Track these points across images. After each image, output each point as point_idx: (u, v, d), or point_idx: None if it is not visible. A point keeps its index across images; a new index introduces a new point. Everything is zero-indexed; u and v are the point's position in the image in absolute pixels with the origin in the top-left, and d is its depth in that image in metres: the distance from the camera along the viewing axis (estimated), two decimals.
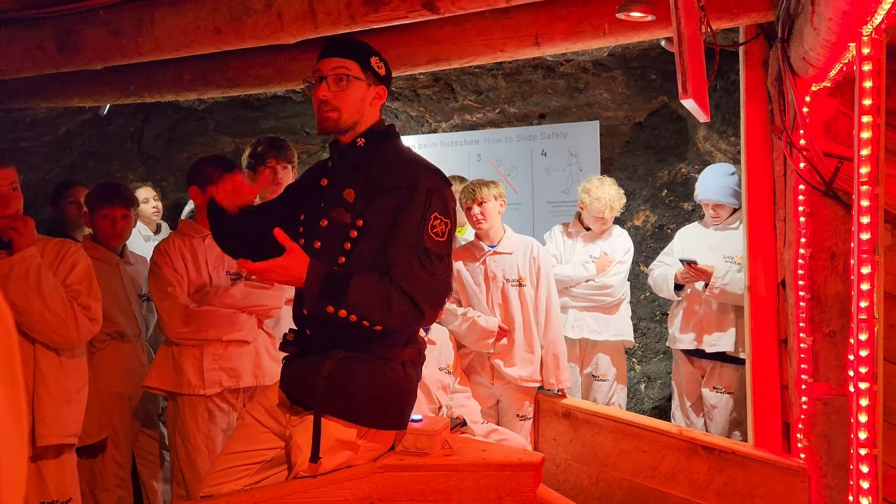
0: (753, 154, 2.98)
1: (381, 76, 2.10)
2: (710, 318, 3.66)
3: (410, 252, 1.94)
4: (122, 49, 2.88)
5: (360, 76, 2.05)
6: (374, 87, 2.09)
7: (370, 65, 2.06)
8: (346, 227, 2.03)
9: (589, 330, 3.88)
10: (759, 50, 2.92)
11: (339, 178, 2.12)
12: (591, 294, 3.85)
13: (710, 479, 3.04)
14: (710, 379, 3.72)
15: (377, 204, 2.00)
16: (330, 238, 2.06)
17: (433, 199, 1.98)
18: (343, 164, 2.13)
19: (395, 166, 2.05)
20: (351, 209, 2.03)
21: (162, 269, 2.88)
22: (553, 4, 2.83)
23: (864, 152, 1.81)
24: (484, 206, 3.39)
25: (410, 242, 1.94)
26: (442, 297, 2.01)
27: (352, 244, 2.02)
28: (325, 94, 2.03)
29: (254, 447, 2.13)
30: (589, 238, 3.98)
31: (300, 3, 2.57)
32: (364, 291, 1.90)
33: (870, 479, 1.88)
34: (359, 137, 2.09)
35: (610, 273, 3.87)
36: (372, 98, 2.09)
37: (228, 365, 2.87)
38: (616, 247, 3.93)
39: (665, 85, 4.75)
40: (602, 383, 3.92)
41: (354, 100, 2.04)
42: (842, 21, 1.71)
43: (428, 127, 5.37)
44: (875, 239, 1.80)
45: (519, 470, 2.17)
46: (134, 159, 5.47)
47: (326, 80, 2.03)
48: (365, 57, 2.06)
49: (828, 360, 2.70)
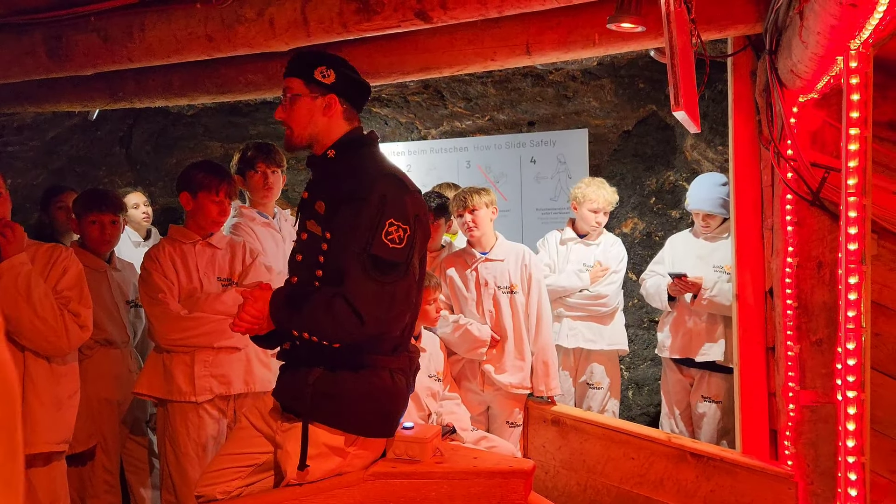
0: (741, 164, 3.02)
1: (328, 85, 2.10)
2: (700, 327, 3.67)
3: (354, 259, 1.94)
4: (113, 55, 2.88)
5: (303, 91, 2.10)
6: (322, 98, 2.10)
7: (314, 77, 2.09)
8: (319, 240, 2.06)
9: (584, 339, 3.88)
10: (746, 61, 2.96)
11: (314, 190, 2.16)
12: (586, 304, 3.86)
13: (697, 486, 3.06)
14: (699, 388, 3.73)
15: (339, 215, 2.02)
16: (308, 251, 2.11)
17: (387, 205, 1.97)
18: (317, 176, 2.18)
19: (355, 175, 2.06)
20: (321, 221, 2.07)
21: (152, 276, 2.87)
22: (544, 14, 2.84)
23: (851, 164, 1.84)
24: (475, 214, 3.40)
25: (356, 249, 1.94)
26: (390, 306, 1.96)
27: (324, 256, 2.04)
28: (279, 115, 2.14)
29: (247, 450, 2.17)
30: (583, 246, 3.98)
31: (292, 11, 2.57)
32: (315, 308, 1.96)
33: (857, 486, 1.90)
34: (329, 149, 2.13)
35: (604, 282, 3.87)
36: (322, 109, 2.11)
37: (219, 372, 2.86)
38: (610, 256, 3.94)
39: (653, 93, 4.78)
40: (597, 391, 3.93)
41: (301, 116, 2.11)
42: (830, 35, 1.74)
43: (417, 134, 5.37)
44: (862, 249, 1.83)
45: (510, 477, 2.18)
46: (122, 164, 5.44)
47: (282, 100, 2.13)
48: (307, 71, 2.10)
49: (815, 368, 2.73)
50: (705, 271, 3.65)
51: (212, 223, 2.99)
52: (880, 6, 1.45)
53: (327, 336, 1.95)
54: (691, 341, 3.68)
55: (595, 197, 3.87)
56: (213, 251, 3.02)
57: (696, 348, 3.67)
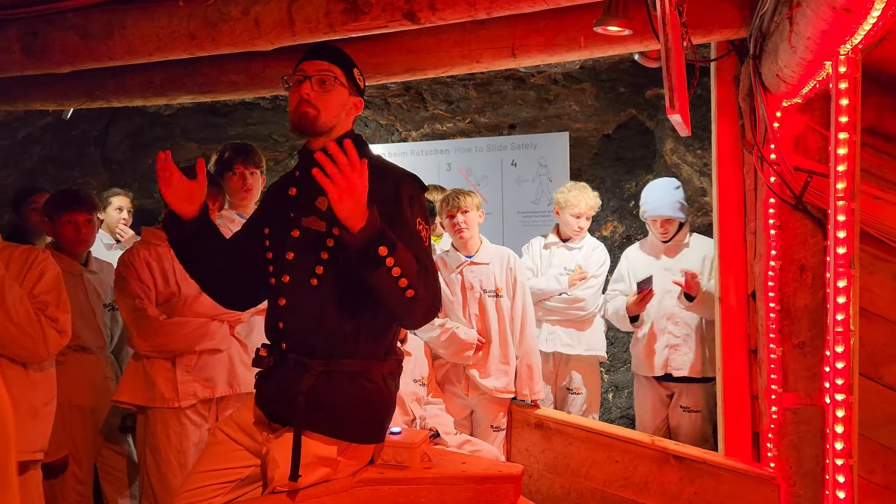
0: (725, 168, 3.04)
1: (359, 88, 2.13)
2: (675, 342, 3.67)
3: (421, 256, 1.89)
4: (92, 53, 2.81)
5: (344, 83, 2.06)
6: (353, 98, 2.10)
7: (353, 75, 2.09)
8: (322, 236, 1.98)
9: (562, 344, 3.87)
10: (730, 66, 2.98)
11: (309, 186, 2.04)
12: (564, 308, 3.85)
13: (681, 489, 3.07)
14: (679, 399, 3.72)
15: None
16: (304, 248, 2.02)
17: (415, 205, 1.99)
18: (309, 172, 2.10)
19: (374, 174, 2.00)
20: (325, 217, 1.99)
21: (128, 282, 2.80)
22: (530, 16, 2.84)
23: (840, 168, 1.86)
24: (467, 216, 3.39)
25: (415, 248, 1.90)
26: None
27: (329, 253, 1.97)
28: (307, 93, 2.01)
29: (228, 465, 2.07)
30: (565, 250, 3.98)
31: (278, 10, 2.54)
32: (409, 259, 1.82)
33: (846, 488, 1.92)
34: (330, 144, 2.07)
35: (582, 287, 3.85)
36: (350, 107, 2.10)
37: (203, 375, 2.81)
38: (591, 260, 3.92)
39: (633, 97, 4.82)
40: (576, 396, 3.92)
41: (336, 104, 2.05)
42: (820, 40, 1.75)
43: (398, 136, 5.35)
44: (851, 253, 1.85)
45: (499, 482, 2.17)
46: (97, 165, 5.34)
47: (311, 80, 2.03)
48: (349, 66, 2.09)
49: (797, 371, 2.75)
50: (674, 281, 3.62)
51: None
52: (874, 11, 1.46)
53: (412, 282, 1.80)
54: (668, 355, 3.68)
55: (576, 202, 3.87)
56: None
57: (674, 364, 3.66)
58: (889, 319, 2.69)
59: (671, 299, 3.66)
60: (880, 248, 2.66)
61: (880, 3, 1.40)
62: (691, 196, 4.65)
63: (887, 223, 2.60)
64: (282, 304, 2.03)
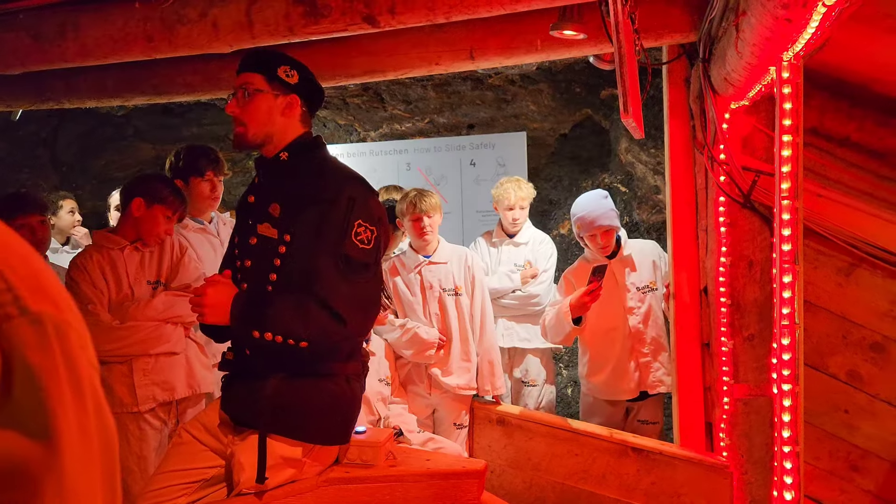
0: (677, 167, 3.13)
1: (291, 85, 2.06)
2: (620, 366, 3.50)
3: (329, 260, 1.92)
4: (45, 54, 2.77)
5: (264, 88, 2.03)
6: (284, 97, 2.06)
7: (277, 75, 2.04)
8: (275, 243, 2.00)
9: (519, 339, 3.92)
10: (681, 69, 3.07)
11: (264, 193, 2.09)
12: (519, 304, 3.89)
13: (638, 480, 3.16)
14: (637, 414, 3.62)
15: (302, 216, 1.99)
16: (260, 255, 2.04)
17: (356, 207, 1.97)
18: (267, 178, 2.11)
19: (318, 177, 2.04)
20: (277, 224, 2.01)
21: (80, 286, 2.76)
22: (488, 20, 2.89)
23: (784, 169, 1.94)
24: (432, 220, 3.42)
25: (329, 251, 1.93)
26: (366, 306, 1.98)
27: (281, 260, 1.99)
28: (231, 110, 2.06)
29: (192, 466, 2.07)
30: (513, 247, 4.01)
31: (237, 12, 2.53)
32: (282, 309, 1.89)
33: (793, 474, 2.01)
34: (282, 151, 2.08)
35: (535, 283, 3.89)
36: (282, 109, 2.06)
37: (161, 378, 2.79)
38: (539, 255, 3.96)
39: (588, 98, 4.91)
40: (532, 388, 3.98)
41: (260, 113, 2.03)
42: (764, 47, 1.84)
43: (357, 136, 5.36)
44: (796, 249, 1.94)
45: (463, 478, 2.21)
46: (46, 167, 5.23)
47: (235, 95, 2.05)
48: (271, 67, 2.05)
49: (747, 363, 2.86)
50: (633, 298, 3.50)
51: (155, 237, 2.93)
52: (813, 22, 1.55)
53: (296, 335, 1.88)
54: (617, 378, 3.51)
55: (506, 195, 3.87)
56: (140, 254, 2.93)
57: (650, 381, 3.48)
58: (832, 312, 2.81)
59: (635, 318, 3.50)
60: (823, 244, 2.78)
61: (818, 14, 1.48)
62: (645, 194, 4.76)
63: (829, 219, 2.72)
64: None
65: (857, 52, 2.33)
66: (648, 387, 3.49)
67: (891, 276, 2.71)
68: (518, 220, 3.93)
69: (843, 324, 2.80)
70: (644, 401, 3.59)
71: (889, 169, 2.69)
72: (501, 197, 3.91)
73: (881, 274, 2.73)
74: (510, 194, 3.86)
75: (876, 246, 2.68)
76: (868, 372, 2.78)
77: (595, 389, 3.60)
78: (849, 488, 2.84)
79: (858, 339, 2.78)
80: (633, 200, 4.92)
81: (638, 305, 3.50)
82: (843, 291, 2.79)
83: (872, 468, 2.80)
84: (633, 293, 3.50)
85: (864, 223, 2.67)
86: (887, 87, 2.60)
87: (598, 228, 3.42)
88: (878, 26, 2.06)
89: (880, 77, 2.53)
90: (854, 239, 2.70)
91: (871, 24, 2.05)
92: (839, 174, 2.72)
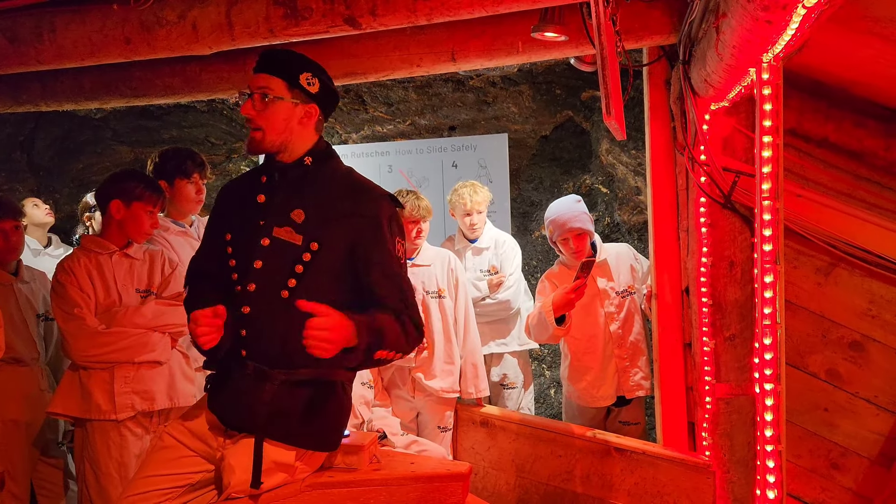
0: (658, 168, 3.15)
1: (312, 94, 2.02)
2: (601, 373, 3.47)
3: (401, 281, 2.00)
4: (21, 56, 2.73)
5: (284, 95, 1.99)
6: (303, 106, 2.01)
7: (299, 82, 2.00)
8: (297, 250, 1.97)
9: (497, 344, 3.89)
10: (661, 70, 3.09)
11: (281, 196, 2.04)
12: (491, 311, 3.84)
13: (622, 480, 3.17)
14: (619, 416, 3.58)
15: (332, 229, 1.97)
16: (275, 258, 1.98)
17: (394, 226, 2.03)
18: (285, 182, 2.05)
19: (349, 191, 2.02)
20: (301, 231, 1.97)
21: (67, 289, 2.73)
22: (469, 23, 2.89)
23: (765, 170, 1.96)
24: (426, 224, 3.42)
25: (396, 272, 2.00)
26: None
27: (304, 267, 1.96)
28: (248, 112, 2.00)
29: (178, 471, 2.03)
30: (475, 253, 3.94)
31: (216, 14, 2.51)
32: (393, 330, 1.93)
33: (775, 473, 2.03)
34: (305, 156, 2.04)
35: (503, 289, 3.83)
36: (300, 117, 2.01)
37: (141, 388, 2.75)
38: (503, 258, 3.89)
39: (569, 100, 4.93)
40: (511, 391, 3.97)
41: (278, 120, 1.99)
42: (744, 49, 1.85)
43: (338, 138, 5.34)
44: (776, 250, 1.95)
45: (447, 481, 2.20)
46: (23, 170, 5.16)
47: (252, 97, 2.00)
48: (293, 74, 2.00)
49: (728, 363, 2.88)
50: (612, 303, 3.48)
51: (143, 234, 2.90)
52: (793, 23, 1.56)
53: (405, 350, 2.00)
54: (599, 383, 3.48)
55: (461, 201, 3.80)
56: (130, 262, 2.90)
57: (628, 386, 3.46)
58: (811, 311, 2.84)
59: (615, 323, 3.46)
60: (803, 244, 2.81)
61: (798, 15, 1.49)
62: (626, 195, 4.79)
63: (808, 219, 2.75)
64: (245, 311, 2.00)
65: (835, 53, 2.36)
66: (627, 391, 3.46)
67: (869, 275, 2.74)
68: (476, 226, 3.85)
69: (823, 323, 2.83)
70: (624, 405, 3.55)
71: (867, 169, 2.72)
72: (457, 203, 3.82)
73: (860, 273, 2.76)
74: (466, 199, 3.78)
75: (854, 245, 2.71)
76: (847, 370, 2.81)
77: (575, 395, 3.58)
78: (829, 486, 2.87)
79: (838, 337, 2.81)
80: (614, 202, 4.95)
81: (617, 311, 3.48)
82: (822, 291, 2.82)
83: (852, 466, 2.83)
84: (612, 298, 3.48)
85: (842, 223, 2.70)
86: (864, 89, 2.63)
87: (569, 231, 3.38)
88: (855, 28, 2.08)
89: (857, 78, 2.57)
90: (833, 239, 2.73)
91: (848, 25, 2.07)
92: (818, 174, 2.75)
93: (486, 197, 3.85)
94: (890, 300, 2.74)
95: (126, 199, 2.83)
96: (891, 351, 2.75)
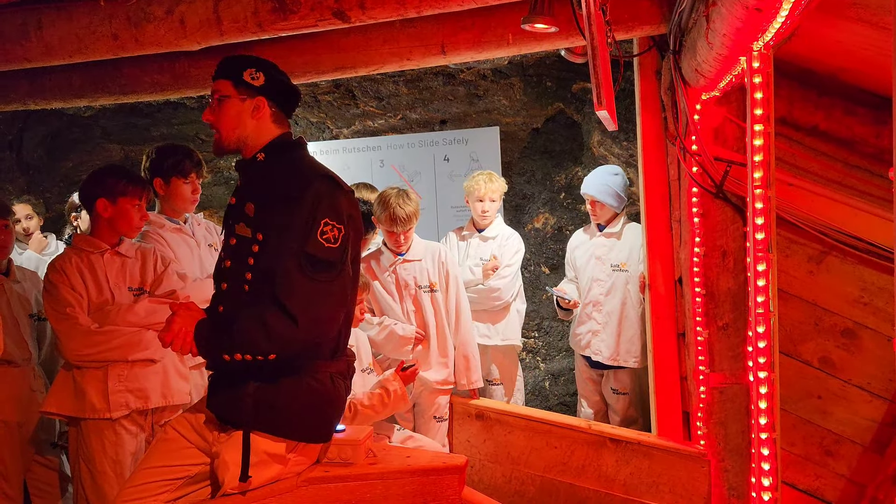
0: (650, 159, 3.15)
1: (256, 87, 2.08)
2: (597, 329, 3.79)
3: (289, 258, 1.93)
4: (7, 54, 2.71)
5: (231, 93, 2.07)
6: (251, 100, 2.08)
7: (242, 79, 2.07)
8: (249, 242, 2.03)
9: (479, 335, 3.88)
10: (652, 61, 3.09)
11: (242, 194, 2.13)
12: (479, 298, 3.85)
13: (617, 470, 3.18)
14: (608, 381, 3.86)
15: (272, 215, 2.01)
16: (237, 255, 2.07)
17: (322, 204, 1.97)
18: (245, 179, 2.16)
19: (288, 176, 2.07)
20: (251, 223, 2.04)
21: (59, 289, 2.71)
22: (458, 15, 2.88)
23: (756, 158, 1.96)
24: (410, 231, 3.41)
25: (291, 248, 1.94)
26: (324, 305, 1.95)
27: (254, 259, 2.01)
28: (207, 118, 2.12)
29: (177, 462, 2.09)
30: (481, 241, 4.00)
31: (204, 9, 2.50)
32: (245, 328, 1.93)
33: (770, 460, 2.03)
34: (259, 152, 2.11)
35: (496, 277, 3.86)
36: (251, 111, 2.08)
37: (135, 386, 2.74)
38: (505, 250, 3.94)
39: (560, 92, 4.92)
40: (497, 387, 3.97)
41: (229, 118, 2.08)
42: (735, 37, 1.85)
43: (329, 133, 5.31)
44: (769, 238, 1.95)
45: (444, 474, 2.20)
46: (12, 170, 5.11)
47: (211, 103, 2.11)
48: (236, 72, 2.07)
49: (722, 352, 2.89)
50: (603, 271, 3.77)
51: (134, 229, 2.88)
52: (782, 11, 1.56)
53: (262, 350, 1.92)
54: (590, 342, 3.82)
55: (476, 186, 3.90)
56: (122, 260, 2.89)
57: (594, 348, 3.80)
58: (804, 299, 2.85)
59: (599, 287, 3.79)
60: (794, 232, 2.81)
61: (787, 3, 1.49)
62: None
63: (800, 208, 2.75)
64: (220, 310, 2.10)
65: (825, 41, 2.36)
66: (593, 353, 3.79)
67: (861, 262, 2.75)
68: (487, 213, 3.94)
69: (815, 311, 2.84)
70: (614, 370, 3.78)
71: (857, 157, 2.72)
72: (472, 189, 3.94)
73: (851, 261, 2.77)
74: (480, 185, 3.90)
75: (846, 233, 2.72)
76: (840, 358, 2.82)
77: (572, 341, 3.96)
78: (823, 473, 2.88)
79: (830, 325, 2.82)
80: None
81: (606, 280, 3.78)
82: (814, 279, 2.83)
83: (846, 453, 2.84)
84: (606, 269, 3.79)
85: (833, 211, 2.71)
86: (854, 76, 2.63)
87: (586, 195, 3.80)
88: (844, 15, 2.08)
89: (847, 66, 2.57)
90: (824, 227, 2.74)
91: (837, 13, 2.07)
92: (808, 163, 2.75)
93: (501, 186, 3.98)
94: (881, 287, 2.75)
95: (111, 196, 2.80)
96: (883, 338, 2.77)
